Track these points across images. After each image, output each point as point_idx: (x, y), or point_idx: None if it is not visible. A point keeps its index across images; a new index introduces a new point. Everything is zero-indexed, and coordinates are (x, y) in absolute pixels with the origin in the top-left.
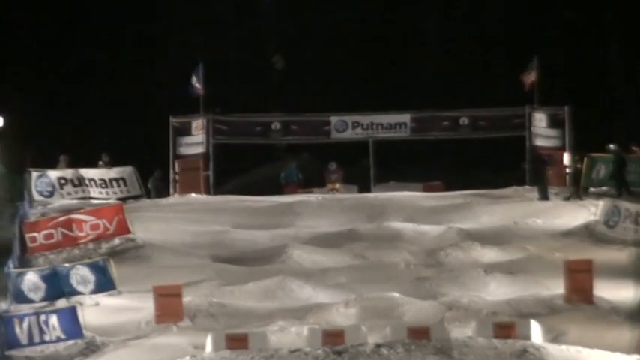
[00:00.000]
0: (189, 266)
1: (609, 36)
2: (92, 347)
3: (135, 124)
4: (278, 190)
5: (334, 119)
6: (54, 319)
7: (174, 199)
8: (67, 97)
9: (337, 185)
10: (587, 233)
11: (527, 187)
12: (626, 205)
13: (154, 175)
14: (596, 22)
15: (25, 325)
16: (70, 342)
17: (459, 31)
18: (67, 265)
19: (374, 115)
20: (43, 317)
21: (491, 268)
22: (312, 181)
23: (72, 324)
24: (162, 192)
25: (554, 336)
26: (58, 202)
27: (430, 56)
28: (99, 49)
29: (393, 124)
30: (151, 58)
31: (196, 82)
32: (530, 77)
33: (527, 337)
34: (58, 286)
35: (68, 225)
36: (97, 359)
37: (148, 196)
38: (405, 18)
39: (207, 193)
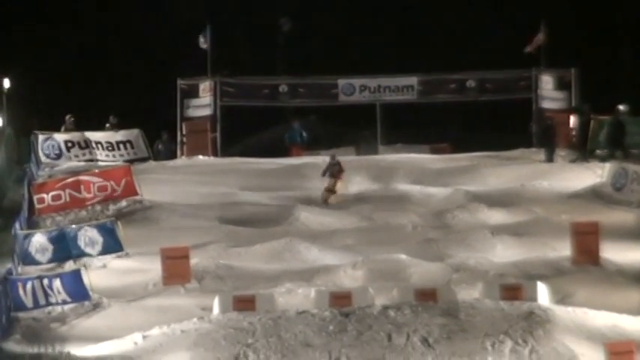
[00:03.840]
0: (196, 228)
1: None
2: (99, 309)
3: (143, 86)
4: (285, 152)
5: (342, 82)
6: (58, 283)
7: (181, 161)
8: (74, 60)
9: (339, 184)
10: (594, 195)
11: (533, 149)
12: (634, 168)
13: (162, 138)
14: None
15: (29, 288)
16: (77, 303)
17: None
18: (74, 226)
19: (381, 78)
20: (46, 281)
21: (498, 230)
22: (320, 142)
23: (77, 287)
24: (170, 154)
25: (561, 298)
26: (65, 165)
27: (437, 19)
28: (107, 11)
29: (401, 86)
30: (159, 20)
31: (204, 44)
32: (538, 40)
33: (534, 299)
34: (65, 247)
35: (76, 186)
36: (104, 320)
37: (155, 158)
38: None
39: (215, 155)
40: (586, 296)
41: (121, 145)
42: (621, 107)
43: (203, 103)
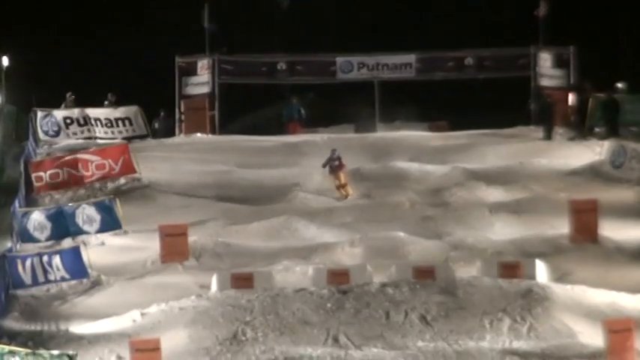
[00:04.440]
0: (194, 206)
1: None
2: (97, 286)
3: (141, 63)
4: (283, 130)
5: (340, 60)
6: (57, 260)
7: (179, 138)
8: (73, 37)
9: (343, 179)
10: (593, 173)
11: (532, 126)
12: (633, 146)
13: (159, 116)
14: None
15: (28, 266)
16: (76, 281)
17: None
18: (72, 204)
19: (379, 55)
20: (45, 258)
21: (496, 208)
22: (318, 120)
23: (76, 264)
24: (167, 132)
25: (560, 276)
26: (63, 142)
27: None
28: None
29: (399, 64)
30: None
31: (208, 26)
32: (541, 10)
33: (533, 276)
34: (63, 225)
35: (74, 164)
36: (103, 298)
37: (154, 135)
38: None
39: (213, 132)
40: (584, 274)
41: (120, 122)
42: (619, 85)
43: (201, 81)
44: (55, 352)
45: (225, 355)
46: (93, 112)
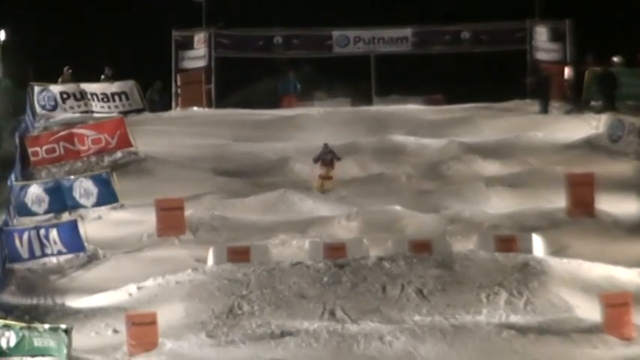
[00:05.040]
0: (191, 179)
1: None
2: (94, 260)
3: (138, 37)
4: (279, 103)
5: (336, 34)
6: (54, 234)
7: (176, 112)
8: (70, 11)
9: (331, 173)
10: (589, 147)
11: (528, 100)
12: (630, 119)
13: (154, 87)
14: None
15: (25, 239)
16: (72, 255)
17: None
18: (70, 177)
19: (375, 29)
20: (42, 232)
21: (492, 182)
22: (314, 94)
23: (73, 238)
24: (164, 103)
25: (556, 249)
26: (60, 116)
27: None
28: None
29: (395, 38)
30: None
31: None
32: None
33: (529, 250)
34: (61, 198)
35: (70, 139)
36: (99, 272)
37: (150, 107)
38: None
39: (209, 106)
40: (581, 248)
41: (116, 97)
42: (615, 59)
43: (198, 55)
44: (50, 325)
45: (222, 328)
46: (89, 87)
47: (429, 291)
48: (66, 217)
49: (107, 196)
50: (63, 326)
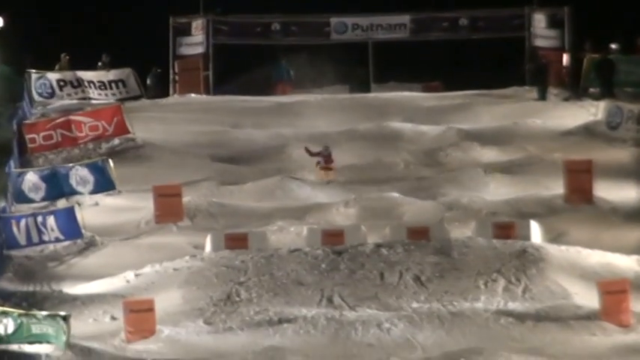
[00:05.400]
0: (188, 166)
1: None
2: (91, 247)
3: (135, 24)
4: (272, 91)
5: (334, 21)
6: (51, 221)
7: (173, 99)
8: None
9: (332, 175)
10: (588, 134)
11: (526, 87)
12: (629, 106)
13: (153, 72)
14: None
15: (23, 226)
16: (70, 242)
17: None
18: (66, 165)
19: (373, 16)
20: (40, 219)
21: (490, 169)
22: (312, 81)
23: (70, 225)
24: (160, 89)
25: (554, 236)
26: (57, 103)
27: None
28: None
29: (393, 25)
30: None
31: None
32: None
33: (527, 237)
34: (58, 186)
35: (67, 126)
36: (97, 259)
37: (147, 92)
38: None
39: (207, 93)
40: (579, 235)
41: (113, 85)
42: (613, 46)
43: (195, 42)
44: (49, 312)
45: (219, 315)
46: (86, 74)
47: (427, 278)
48: (62, 203)
49: (104, 184)
50: (62, 313)
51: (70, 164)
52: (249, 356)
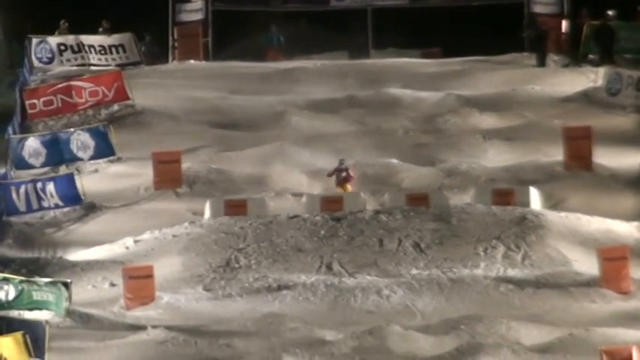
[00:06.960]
0: (187, 132)
1: None
2: (91, 213)
3: None
4: (275, 57)
5: None
6: (51, 187)
7: (173, 65)
8: None
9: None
10: (587, 100)
11: (525, 53)
12: (629, 72)
13: (144, 40)
14: None
15: (22, 192)
16: (69, 208)
17: None
18: (67, 130)
19: None
20: (39, 185)
21: (489, 135)
22: (311, 47)
23: (70, 191)
24: (153, 56)
25: (554, 203)
26: (57, 69)
27: None
28: None
29: None
30: None
31: None
32: None
33: (526, 204)
34: (58, 151)
35: (67, 92)
36: (96, 225)
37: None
38: None
39: (206, 59)
40: (579, 201)
41: (114, 49)
42: (610, 12)
43: (195, 8)
44: (50, 279)
45: (219, 282)
46: (87, 38)
47: (427, 244)
48: (63, 170)
49: (104, 149)
50: (63, 280)
51: (72, 129)
52: (248, 322)
